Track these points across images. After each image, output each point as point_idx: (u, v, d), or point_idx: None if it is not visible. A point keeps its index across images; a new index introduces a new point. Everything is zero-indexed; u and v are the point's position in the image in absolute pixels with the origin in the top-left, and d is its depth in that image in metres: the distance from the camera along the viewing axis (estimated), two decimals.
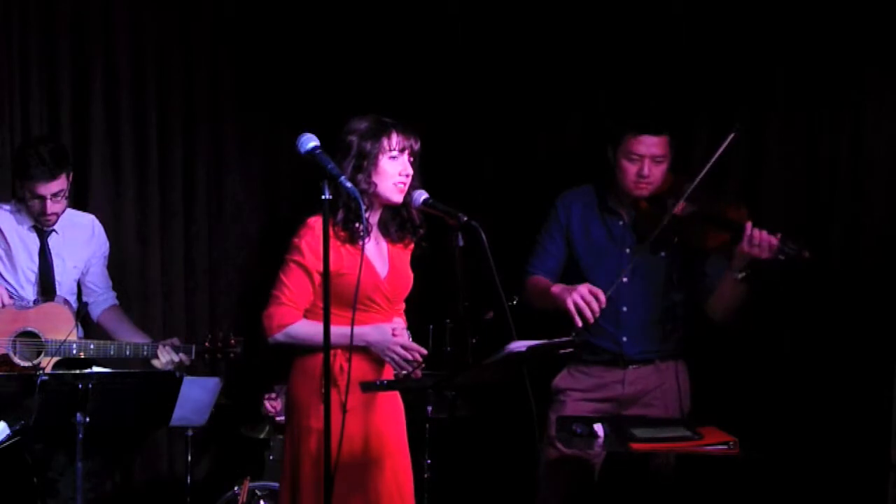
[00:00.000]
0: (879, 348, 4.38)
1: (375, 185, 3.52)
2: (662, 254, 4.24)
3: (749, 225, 3.98)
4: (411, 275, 3.72)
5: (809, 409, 4.54)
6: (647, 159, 4.15)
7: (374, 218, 3.62)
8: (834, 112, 4.63)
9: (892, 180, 4.53)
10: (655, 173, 4.17)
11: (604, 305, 4.04)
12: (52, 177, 4.28)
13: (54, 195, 4.31)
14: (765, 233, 3.97)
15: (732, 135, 4.06)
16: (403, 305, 3.77)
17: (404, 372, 3.54)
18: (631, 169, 4.18)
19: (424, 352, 3.56)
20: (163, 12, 5.18)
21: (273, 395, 4.72)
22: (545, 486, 4.31)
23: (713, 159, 4.05)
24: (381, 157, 3.51)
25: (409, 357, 3.52)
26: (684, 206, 4.11)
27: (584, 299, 4.03)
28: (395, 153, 3.52)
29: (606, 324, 4.24)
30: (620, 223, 4.29)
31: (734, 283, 4.08)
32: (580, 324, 4.03)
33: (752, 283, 4.09)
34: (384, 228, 3.66)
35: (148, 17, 5.14)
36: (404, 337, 3.59)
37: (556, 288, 4.17)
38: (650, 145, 4.15)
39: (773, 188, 4.72)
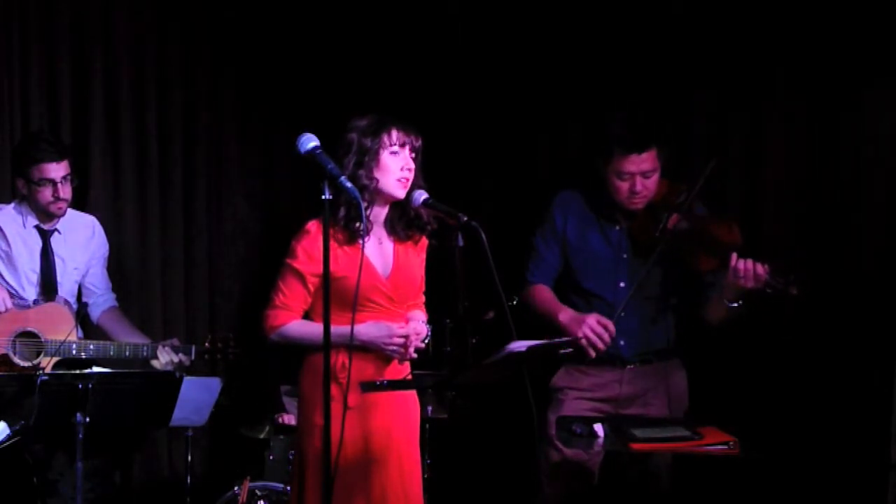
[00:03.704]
0: (879, 349, 4.38)
1: (377, 181, 3.53)
2: (662, 261, 4.22)
3: (734, 256, 3.95)
4: (420, 273, 3.72)
5: (809, 409, 4.54)
6: (637, 176, 4.13)
7: (376, 216, 3.61)
8: (834, 112, 4.63)
9: (892, 180, 4.53)
10: (648, 186, 4.16)
11: (613, 334, 4.09)
12: (61, 157, 4.33)
13: (63, 178, 4.33)
14: (750, 262, 3.94)
15: (714, 161, 4.11)
16: (423, 298, 3.78)
17: (413, 357, 3.57)
18: (623, 187, 4.16)
19: (422, 331, 3.58)
20: (163, 12, 5.18)
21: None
22: (547, 487, 4.31)
23: (696, 187, 4.08)
24: (382, 152, 3.52)
25: (406, 342, 3.53)
26: (677, 220, 4.10)
27: (594, 331, 4.08)
28: (395, 148, 3.53)
29: None
30: (618, 228, 4.28)
31: (725, 307, 4.08)
32: (593, 355, 4.10)
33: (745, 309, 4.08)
34: (391, 227, 3.66)
35: (148, 17, 5.14)
36: (420, 330, 3.59)
37: (564, 317, 4.19)
38: (639, 162, 4.12)
39: (774, 188, 4.72)
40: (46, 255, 4.45)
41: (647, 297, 4.24)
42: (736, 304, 4.05)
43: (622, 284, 4.23)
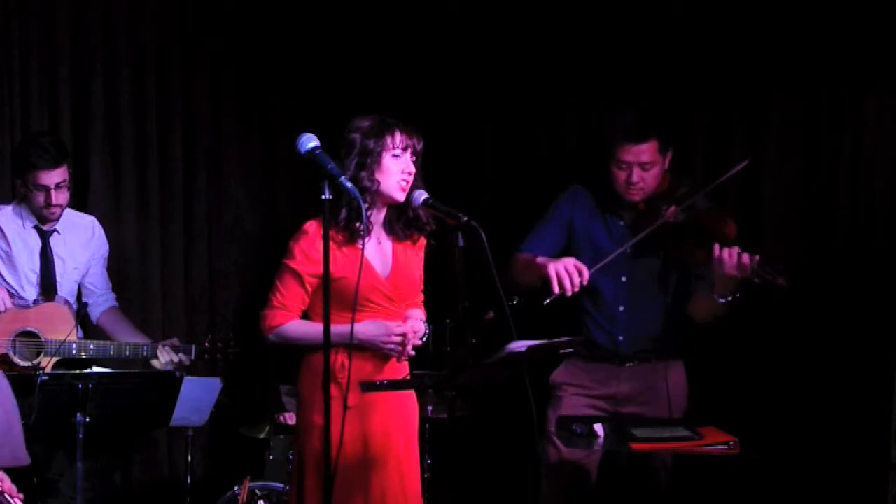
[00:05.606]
0: (879, 348, 4.38)
1: (378, 183, 3.53)
2: (661, 254, 4.23)
3: (717, 246, 3.94)
4: (419, 273, 3.73)
5: (809, 409, 4.55)
6: (635, 166, 4.14)
7: (376, 217, 3.62)
8: (834, 112, 4.63)
9: (892, 181, 4.53)
10: (646, 178, 4.16)
11: (585, 283, 4.04)
12: (56, 164, 4.31)
13: (58, 185, 4.33)
14: (735, 250, 3.91)
15: (745, 162, 4.10)
16: (422, 297, 3.79)
17: (410, 355, 3.57)
18: (620, 176, 4.17)
19: (420, 329, 3.59)
20: (163, 11, 5.18)
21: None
22: (547, 486, 4.31)
23: (720, 181, 4.07)
24: (384, 154, 3.52)
25: (404, 340, 3.53)
26: (675, 212, 4.10)
27: (566, 270, 4.04)
28: (398, 151, 3.53)
29: (603, 321, 4.25)
30: (621, 223, 4.29)
31: (713, 303, 4.05)
32: (557, 291, 4.03)
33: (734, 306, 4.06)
34: (389, 227, 3.66)
35: (148, 17, 5.14)
36: (418, 328, 3.60)
37: (542, 259, 4.17)
38: (637, 153, 4.13)
39: (774, 189, 4.72)
40: (46, 256, 4.45)
41: (649, 296, 4.24)
42: (725, 301, 4.02)
43: (623, 279, 4.23)
